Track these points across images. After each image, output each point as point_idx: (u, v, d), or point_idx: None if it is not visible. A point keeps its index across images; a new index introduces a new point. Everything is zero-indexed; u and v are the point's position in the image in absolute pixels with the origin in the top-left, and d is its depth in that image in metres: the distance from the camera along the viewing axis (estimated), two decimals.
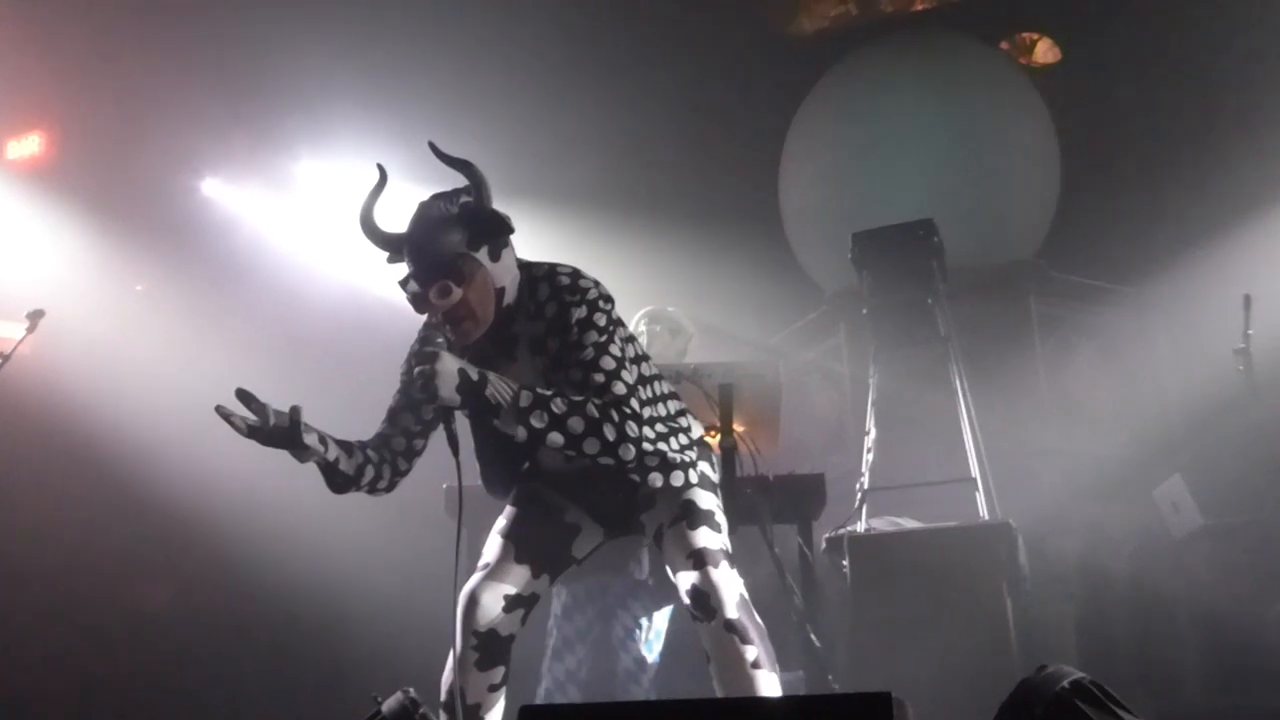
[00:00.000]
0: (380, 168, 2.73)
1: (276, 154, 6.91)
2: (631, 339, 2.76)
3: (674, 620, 4.25)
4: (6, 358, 4.54)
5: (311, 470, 2.71)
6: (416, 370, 2.49)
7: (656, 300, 5.11)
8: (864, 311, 5.47)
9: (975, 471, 4.96)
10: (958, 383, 5.26)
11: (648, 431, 2.60)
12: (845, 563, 4.29)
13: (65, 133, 6.61)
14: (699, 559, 2.62)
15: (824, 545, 4.37)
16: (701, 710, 2.09)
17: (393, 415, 2.83)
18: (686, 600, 2.63)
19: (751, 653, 2.55)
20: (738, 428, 3.79)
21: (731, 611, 2.57)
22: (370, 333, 6.16)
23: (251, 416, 2.52)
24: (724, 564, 2.64)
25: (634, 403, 2.56)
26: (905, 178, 6.93)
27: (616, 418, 2.51)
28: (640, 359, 2.77)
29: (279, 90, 6.72)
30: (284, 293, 6.60)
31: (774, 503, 3.70)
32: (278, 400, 2.57)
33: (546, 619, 4.27)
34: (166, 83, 6.46)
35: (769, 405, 3.98)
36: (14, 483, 5.72)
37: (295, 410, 2.54)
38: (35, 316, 4.57)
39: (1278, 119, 6.70)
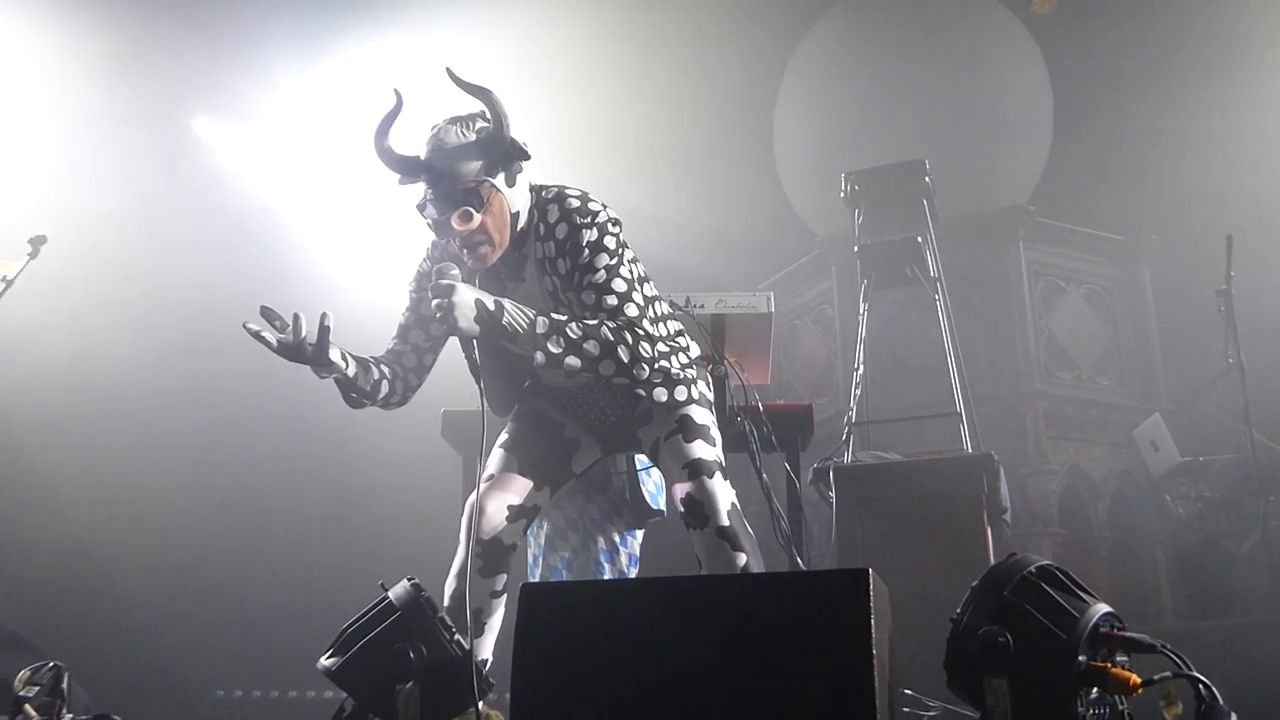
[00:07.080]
0: (396, 92, 2.74)
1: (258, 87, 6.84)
2: (636, 260, 2.82)
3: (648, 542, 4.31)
4: (10, 283, 4.44)
5: (317, 392, 2.74)
6: (434, 303, 2.55)
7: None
8: (855, 249, 5.55)
9: (960, 406, 5.07)
10: (945, 321, 5.36)
11: (656, 350, 2.68)
12: (831, 492, 4.40)
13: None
14: (694, 469, 2.72)
15: (810, 475, 4.47)
16: (694, 584, 2.20)
17: (403, 332, 2.91)
18: (681, 508, 2.72)
19: (742, 559, 2.65)
20: (729, 357, 3.86)
21: (724, 519, 2.66)
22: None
23: (279, 333, 2.58)
24: (718, 474, 2.73)
25: (645, 324, 2.65)
26: (900, 122, 7.01)
27: (630, 339, 2.60)
28: (645, 279, 2.84)
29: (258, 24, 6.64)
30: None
31: (763, 431, 3.79)
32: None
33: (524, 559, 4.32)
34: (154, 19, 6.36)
35: (760, 336, 4.01)
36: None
37: (324, 316, 2.59)
38: (37, 242, 4.35)
39: (1270, 69, 6.77)
